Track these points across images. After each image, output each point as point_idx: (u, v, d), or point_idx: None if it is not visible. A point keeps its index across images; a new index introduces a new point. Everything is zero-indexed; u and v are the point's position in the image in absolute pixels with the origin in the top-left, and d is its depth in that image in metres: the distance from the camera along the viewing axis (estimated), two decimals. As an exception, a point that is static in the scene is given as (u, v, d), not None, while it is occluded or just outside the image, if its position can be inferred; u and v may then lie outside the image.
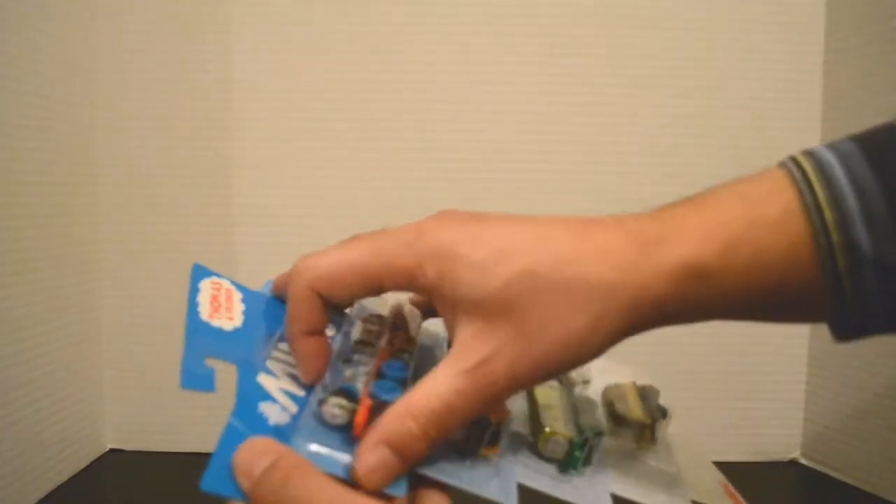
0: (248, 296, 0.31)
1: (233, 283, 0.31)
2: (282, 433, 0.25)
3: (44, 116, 0.59)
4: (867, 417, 0.62)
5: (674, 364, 0.69)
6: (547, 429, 0.29)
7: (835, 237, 0.24)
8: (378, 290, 0.28)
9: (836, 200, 0.24)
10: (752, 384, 0.69)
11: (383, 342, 0.30)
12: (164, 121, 0.67)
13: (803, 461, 0.69)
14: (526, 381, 0.25)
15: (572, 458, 0.29)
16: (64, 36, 0.62)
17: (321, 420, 0.26)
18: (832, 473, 0.66)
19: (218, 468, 0.24)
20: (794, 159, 0.26)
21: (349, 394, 0.26)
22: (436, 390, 0.25)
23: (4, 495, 0.53)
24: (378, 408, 0.25)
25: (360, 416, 0.25)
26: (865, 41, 0.63)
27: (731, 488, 0.32)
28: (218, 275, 0.30)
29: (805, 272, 0.25)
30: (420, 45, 0.67)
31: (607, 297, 0.25)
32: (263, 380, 0.27)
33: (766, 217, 0.25)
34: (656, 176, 0.67)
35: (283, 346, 0.29)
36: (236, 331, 0.29)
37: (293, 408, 0.27)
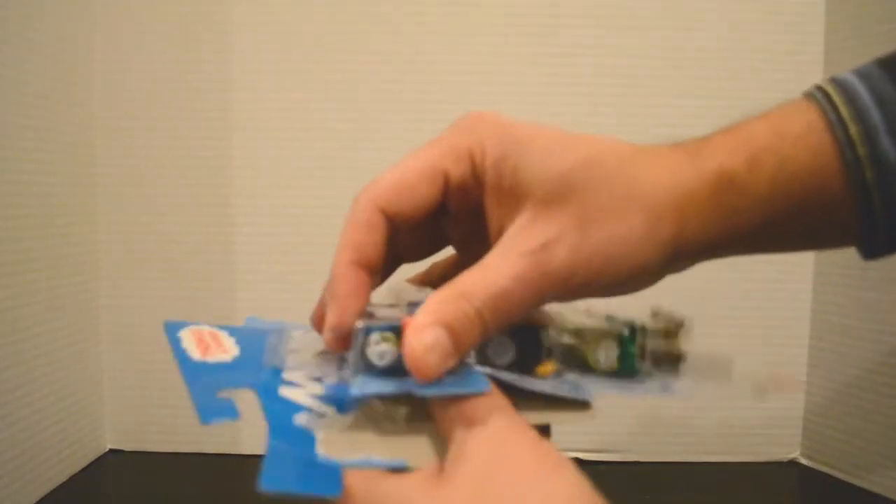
0: (234, 331, 0.30)
1: (211, 326, 0.30)
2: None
3: (43, 116, 0.59)
4: (867, 417, 0.62)
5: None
6: (588, 332, 0.27)
7: (860, 150, 0.24)
8: (445, 184, 0.27)
9: (860, 114, 0.24)
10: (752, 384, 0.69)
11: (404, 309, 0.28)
12: (164, 121, 0.67)
13: (803, 461, 0.69)
14: (581, 277, 0.24)
15: (628, 357, 0.27)
16: (64, 36, 0.62)
17: (368, 366, 0.24)
18: (832, 473, 0.66)
19: (272, 489, 0.22)
20: (817, 85, 0.27)
21: (391, 329, 0.24)
22: (492, 272, 0.24)
23: (4, 495, 0.53)
24: None
25: None
26: (865, 41, 0.63)
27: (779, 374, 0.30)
28: (192, 323, 0.29)
29: (831, 186, 0.25)
30: (419, 46, 0.67)
31: (663, 198, 0.25)
32: (287, 392, 0.26)
33: (790, 132, 0.25)
34: (656, 176, 0.67)
35: (294, 353, 0.28)
36: (237, 360, 0.27)
37: (326, 409, 0.25)
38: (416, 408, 0.25)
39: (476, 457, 0.22)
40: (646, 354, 0.28)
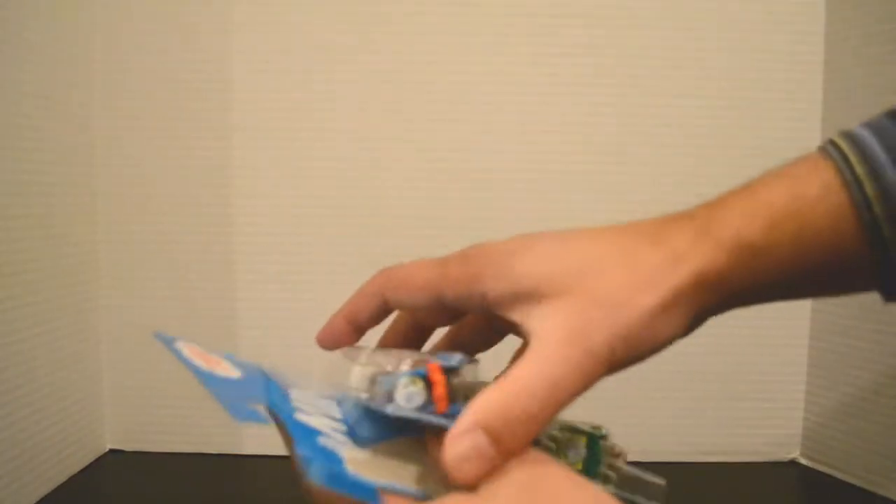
0: (226, 356, 0.30)
1: (199, 347, 0.29)
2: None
3: (42, 116, 0.59)
4: (867, 417, 0.62)
5: (673, 364, 0.69)
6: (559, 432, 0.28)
7: (877, 209, 0.25)
8: (440, 300, 0.28)
9: (875, 173, 0.25)
10: (751, 384, 0.69)
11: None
12: (163, 121, 0.67)
13: (803, 461, 0.69)
14: (622, 352, 0.25)
15: (594, 455, 0.28)
16: (63, 36, 0.62)
17: (394, 408, 0.24)
18: (832, 473, 0.66)
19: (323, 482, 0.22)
20: (830, 140, 0.27)
21: (417, 375, 0.24)
22: (538, 364, 0.24)
23: (4, 495, 0.53)
24: (452, 375, 0.24)
25: (440, 388, 0.24)
26: (865, 41, 0.63)
27: None
28: (181, 339, 0.29)
29: (851, 244, 0.25)
30: (419, 46, 0.67)
31: (676, 273, 0.25)
32: (302, 417, 0.26)
33: (807, 195, 0.25)
34: (656, 176, 0.67)
35: (296, 393, 0.28)
36: (242, 380, 0.27)
37: (343, 437, 0.26)
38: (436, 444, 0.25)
39: (515, 476, 0.23)
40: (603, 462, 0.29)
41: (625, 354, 0.25)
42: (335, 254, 0.68)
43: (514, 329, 0.27)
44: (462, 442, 0.23)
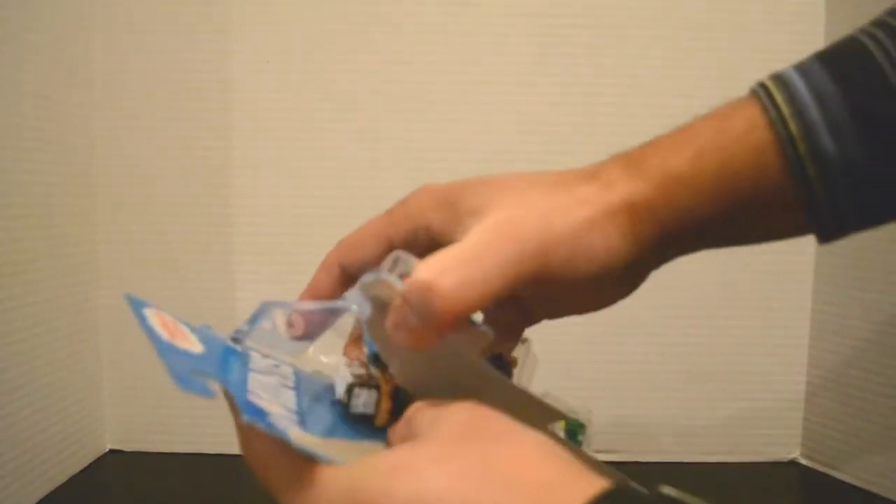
0: (193, 329, 0.31)
1: (170, 316, 0.30)
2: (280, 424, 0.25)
3: (42, 116, 0.59)
4: (867, 417, 0.62)
5: (673, 364, 0.69)
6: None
7: (801, 147, 0.25)
8: (391, 245, 0.30)
9: (800, 112, 0.25)
10: (751, 384, 0.69)
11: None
12: (163, 121, 0.67)
13: (803, 461, 0.69)
14: (554, 257, 0.26)
15: (573, 441, 0.29)
16: (63, 36, 0.62)
17: (346, 411, 0.27)
18: (832, 473, 0.66)
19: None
20: (760, 81, 0.28)
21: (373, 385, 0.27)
22: (459, 248, 0.26)
23: (4, 496, 0.53)
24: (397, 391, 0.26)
25: (385, 401, 0.26)
26: (865, 41, 0.63)
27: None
28: (153, 306, 0.30)
29: (775, 181, 0.26)
30: (419, 46, 0.67)
31: (605, 197, 0.27)
32: (254, 399, 0.27)
33: (732, 129, 0.27)
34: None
35: (258, 371, 0.29)
36: (203, 355, 0.28)
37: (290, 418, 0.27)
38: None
39: (456, 418, 0.23)
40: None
41: (556, 257, 0.26)
42: (335, 254, 0.68)
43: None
44: (394, 314, 0.25)
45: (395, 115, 0.67)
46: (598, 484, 0.19)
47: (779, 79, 0.27)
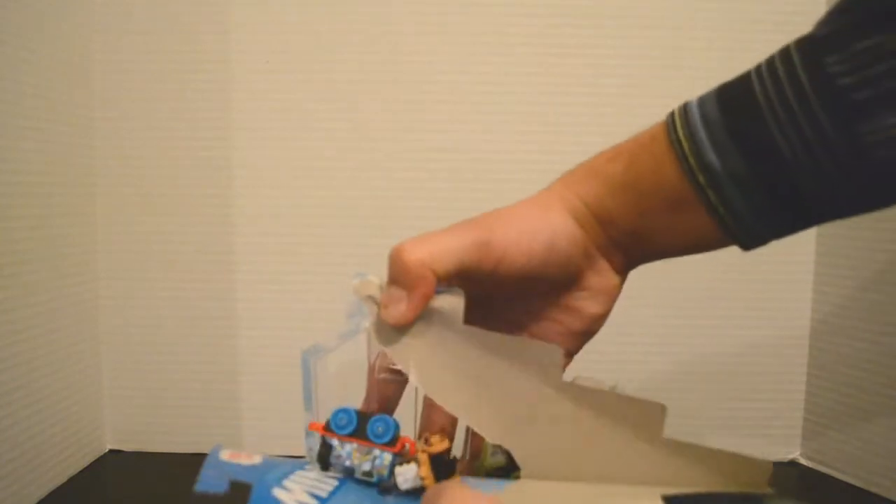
0: (268, 457, 0.33)
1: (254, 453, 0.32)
2: None
3: (42, 117, 0.59)
4: (867, 417, 0.62)
5: (673, 364, 0.69)
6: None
7: (691, 160, 0.32)
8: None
9: (691, 132, 0.32)
10: (751, 384, 0.69)
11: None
12: (163, 121, 0.67)
13: (803, 461, 0.69)
14: (500, 234, 0.33)
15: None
16: (63, 36, 0.62)
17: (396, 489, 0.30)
18: (832, 473, 0.66)
19: None
20: (673, 109, 0.35)
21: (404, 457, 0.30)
22: (428, 233, 0.33)
23: (4, 496, 0.53)
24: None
25: (424, 468, 0.30)
26: (865, 41, 0.63)
27: None
28: (239, 450, 0.32)
29: (675, 186, 0.33)
30: (419, 46, 0.67)
31: (545, 194, 0.36)
32: (278, 493, 0.29)
33: (641, 139, 0.35)
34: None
35: (299, 475, 0.31)
36: (253, 466, 0.31)
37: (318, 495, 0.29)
38: None
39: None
40: None
41: (503, 234, 0.33)
42: (335, 254, 0.68)
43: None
44: (383, 297, 0.32)
45: (395, 115, 0.67)
46: None
47: (684, 106, 0.34)
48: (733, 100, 0.32)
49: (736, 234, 0.33)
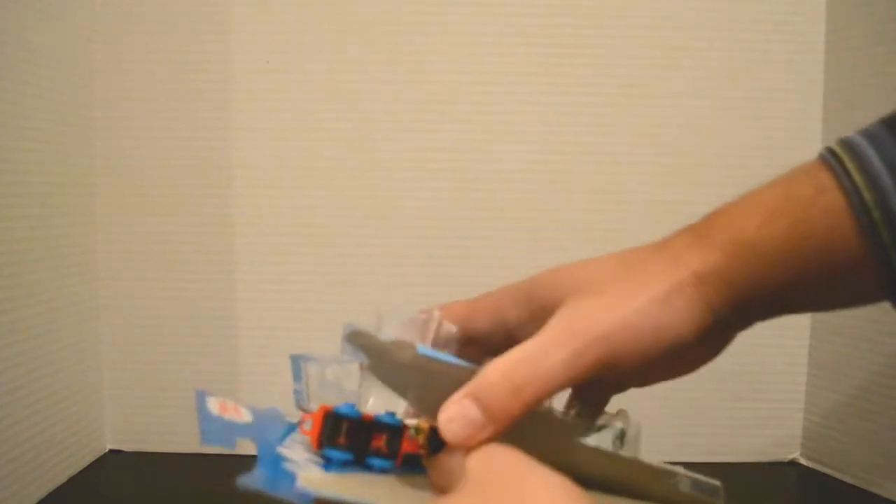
0: (251, 408, 0.32)
1: (237, 401, 0.32)
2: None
3: (42, 117, 0.59)
4: (867, 417, 0.62)
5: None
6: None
7: (875, 214, 0.26)
8: (470, 335, 0.31)
9: (873, 180, 0.26)
10: (752, 384, 0.69)
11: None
12: (163, 121, 0.67)
13: (803, 461, 0.69)
14: (617, 344, 0.26)
15: None
16: (63, 36, 0.62)
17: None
18: (832, 473, 0.66)
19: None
20: (828, 147, 0.28)
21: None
22: (529, 346, 0.26)
23: (4, 496, 0.53)
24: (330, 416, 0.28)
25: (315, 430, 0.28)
26: (866, 41, 0.63)
27: None
28: (218, 396, 0.32)
29: (846, 244, 0.26)
30: (419, 46, 0.67)
31: (674, 272, 0.27)
32: (282, 450, 0.29)
33: (800, 194, 0.27)
34: (655, 176, 0.67)
35: (295, 437, 0.30)
36: (248, 424, 0.30)
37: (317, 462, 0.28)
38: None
39: (471, 471, 0.24)
40: None
41: (621, 341, 0.26)
42: (335, 254, 0.68)
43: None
44: (451, 407, 0.25)
45: (395, 115, 0.67)
46: None
47: (847, 145, 0.27)
48: None
49: None
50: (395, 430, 0.28)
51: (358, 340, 0.28)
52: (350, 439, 0.28)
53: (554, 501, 0.23)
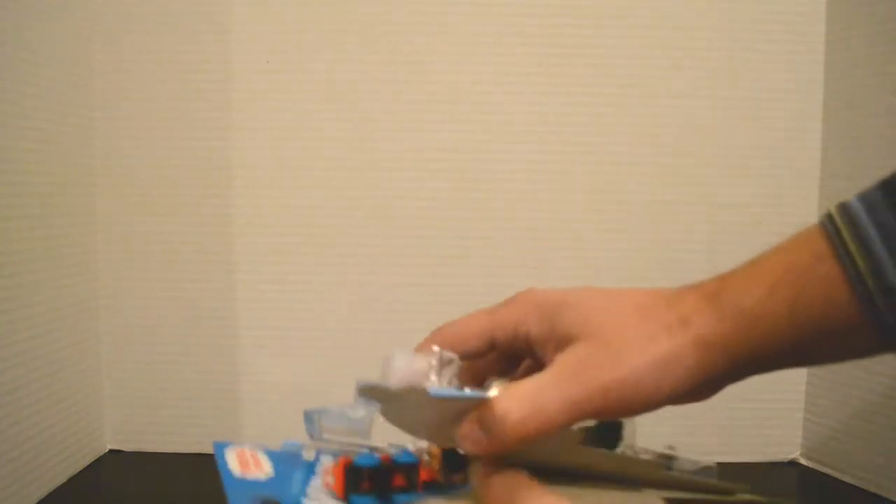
0: (271, 453, 0.34)
1: (252, 446, 0.34)
2: None
3: (42, 117, 0.59)
4: (867, 417, 0.62)
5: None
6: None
7: (870, 282, 0.27)
8: (492, 343, 0.33)
9: (867, 249, 0.27)
10: (752, 384, 0.69)
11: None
12: (163, 121, 0.67)
13: (803, 461, 0.69)
14: (614, 398, 0.28)
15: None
16: (63, 36, 0.62)
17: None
18: (832, 473, 0.66)
19: None
20: (827, 213, 0.29)
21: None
22: (535, 385, 0.28)
23: (4, 496, 0.53)
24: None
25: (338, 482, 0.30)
26: (866, 41, 0.63)
27: None
28: (237, 444, 0.34)
29: (845, 310, 0.27)
30: (419, 46, 0.67)
31: (681, 334, 0.29)
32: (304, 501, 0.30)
33: (800, 263, 0.28)
34: (655, 176, 0.67)
35: (314, 486, 0.32)
36: (270, 479, 0.32)
37: None
38: None
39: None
40: None
41: (618, 397, 0.28)
42: (335, 254, 0.68)
43: (539, 360, 0.32)
44: (465, 426, 0.28)
45: (395, 115, 0.67)
46: None
47: (844, 211, 0.28)
48: None
49: None
50: (411, 466, 0.31)
51: (373, 393, 0.29)
52: (373, 484, 0.30)
53: None
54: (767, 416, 0.69)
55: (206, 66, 0.67)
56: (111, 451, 0.70)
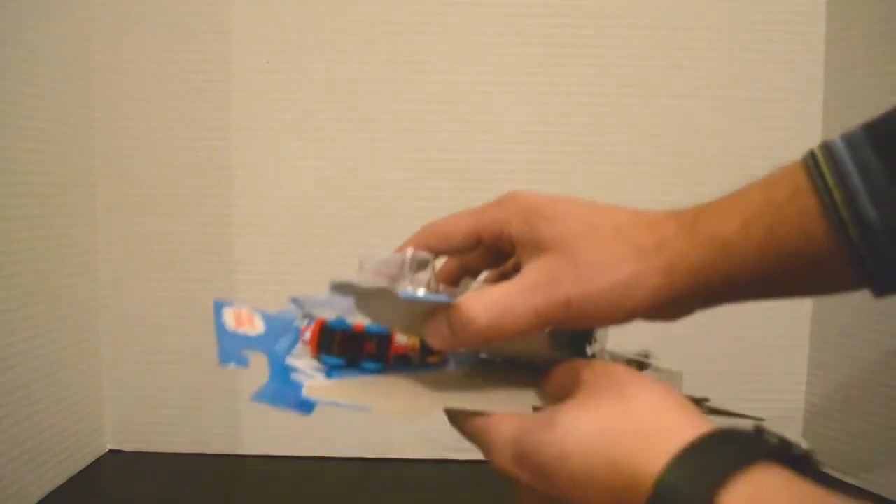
0: (267, 316, 0.35)
1: (251, 307, 0.35)
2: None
3: (42, 117, 0.59)
4: (866, 417, 0.62)
5: (673, 364, 0.69)
6: None
7: (844, 213, 0.27)
8: (478, 241, 0.34)
9: (843, 180, 0.27)
10: (752, 383, 0.69)
11: None
12: (162, 121, 0.67)
13: (803, 461, 0.69)
14: (576, 311, 0.29)
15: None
16: (63, 36, 0.62)
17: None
18: (832, 473, 0.66)
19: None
20: (811, 150, 0.29)
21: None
22: (504, 291, 0.30)
23: (4, 496, 0.53)
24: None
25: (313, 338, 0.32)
26: (866, 41, 0.63)
27: None
28: (235, 304, 0.35)
29: (820, 243, 0.28)
30: (419, 46, 0.67)
31: (651, 256, 0.30)
32: (290, 361, 0.32)
33: (778, 197, 0.29)
34: (655, 176, 0.67)
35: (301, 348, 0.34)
36: (260, 336, 0.33)
37: (318, 374, 0.32)
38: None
39: (585, 382, 0.28)
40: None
41: (580, 309, 0.30)
42: (335, 254, 0.68)
43: (518, 260, 0.34)
44: (433, 322, 0.30)
45: (395, 115, 0.67)
46: (704, 427, 0.25)
47: (826, 148, 0.29)
48: (891, 140, 0.28)
49: (877, 286, 0.29)
50: (382, 336, 0.33)
51: (344, 290, 0.30)
52: (343, 346, 0.32)
53: (657, 403, 0.26)
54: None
55: (206, 66, 0.67)
56: (111, 451, 0.70)
